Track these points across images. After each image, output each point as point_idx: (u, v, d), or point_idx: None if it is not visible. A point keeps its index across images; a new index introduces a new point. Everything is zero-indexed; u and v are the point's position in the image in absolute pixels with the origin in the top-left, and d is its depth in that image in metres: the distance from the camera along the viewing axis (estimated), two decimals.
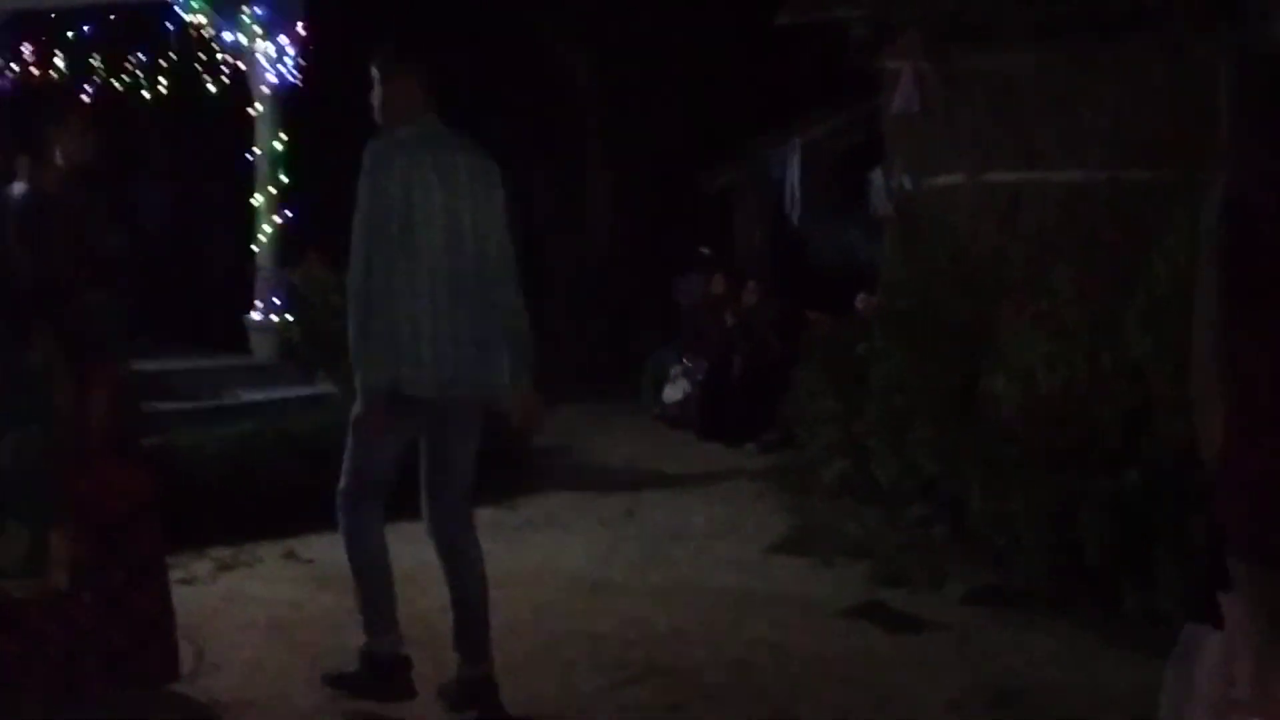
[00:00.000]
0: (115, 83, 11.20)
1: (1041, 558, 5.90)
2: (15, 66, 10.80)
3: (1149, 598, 5.42)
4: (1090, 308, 6.35)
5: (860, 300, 9.65)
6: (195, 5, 9.53)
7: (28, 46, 10.85)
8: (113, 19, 10.82)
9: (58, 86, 9.15)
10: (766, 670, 5.07)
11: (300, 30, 9.84)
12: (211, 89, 10.74)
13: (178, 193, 12.86)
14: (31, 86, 8.28)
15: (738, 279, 12.15)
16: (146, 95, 11.18)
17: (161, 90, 11.18)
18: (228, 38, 9.73)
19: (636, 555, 6.97)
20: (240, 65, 10.03)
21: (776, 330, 11.18)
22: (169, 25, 10.51)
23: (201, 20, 9.74)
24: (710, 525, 7.72)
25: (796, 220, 13.18)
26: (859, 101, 11.34)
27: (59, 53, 10.96)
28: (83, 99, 8.34)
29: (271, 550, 6.77)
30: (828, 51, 9.63)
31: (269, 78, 9.75)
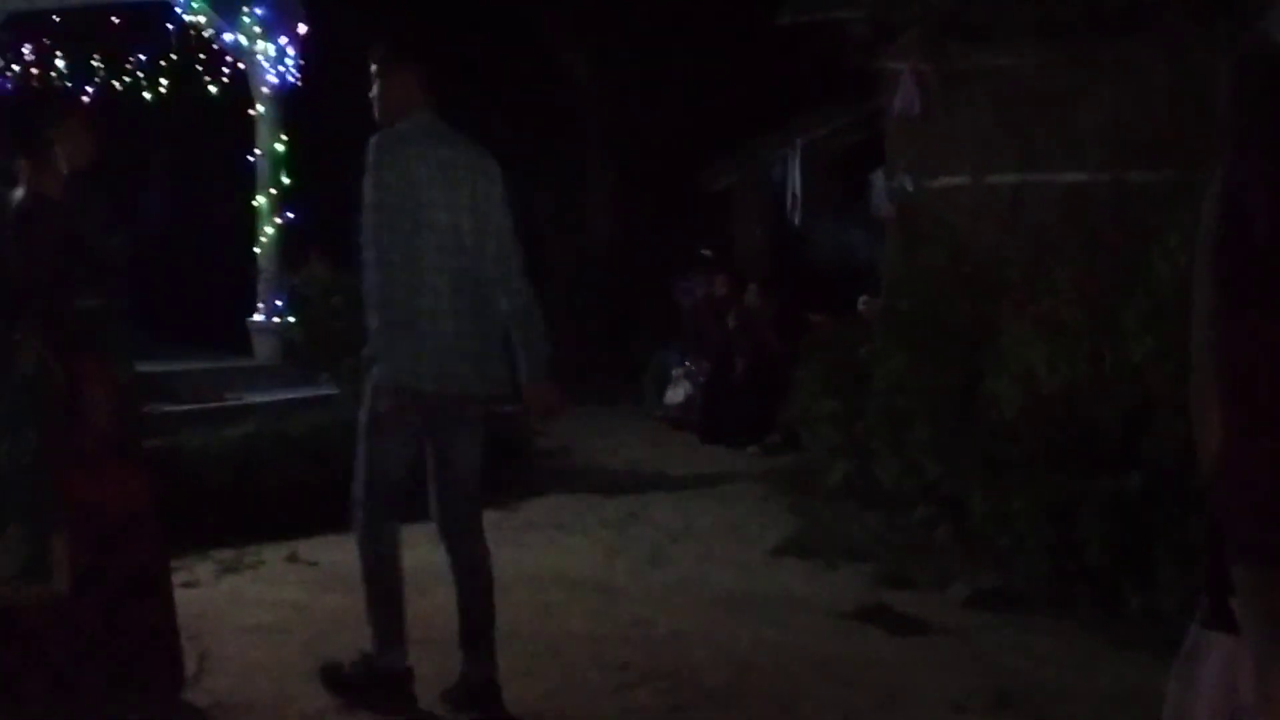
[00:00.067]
0: (116, 83, 11.20)
1: (1043, 558, 5.91)
2: (16, 67, 10.81)
3: (1150, 598, 5.42)
4: (1091, 308, 6.35)
5: (862, 302, 9.66)
6: (196, 6, 9.53)
7: (28, 47, 10.88)
8: (114, 20, 10.83)
9: (58, 90, 9.14)
10: (769, 672, 5.06)
11: (301, 31, 9.86)
12: (212, 90, 10.75)
13: (179, 194, 12.87)
14: (32, 90, 8.26)
15: (739, 280, 12.15)
16: (147, 96, 11.19)
17: (162, 91, 11.19)
18: (228, 38, 9.73)
19: (639, 557, 6.97)
20: (241, 66, 10.05)
21: (778, 332, 11.19)
22: (170, 26, 10.51)
23: (202, 21, 9.75)
24: (712, 527, 7.72)
25: (797, 221, 13.19)
26: (859, 102, 11.34)
27: (60, 53, 10.97)
28: (83, 102, 8.35)
29: (275, 552, 6.77)
30: (828, 52, 9.63)
31: (270, 78, 9.76)
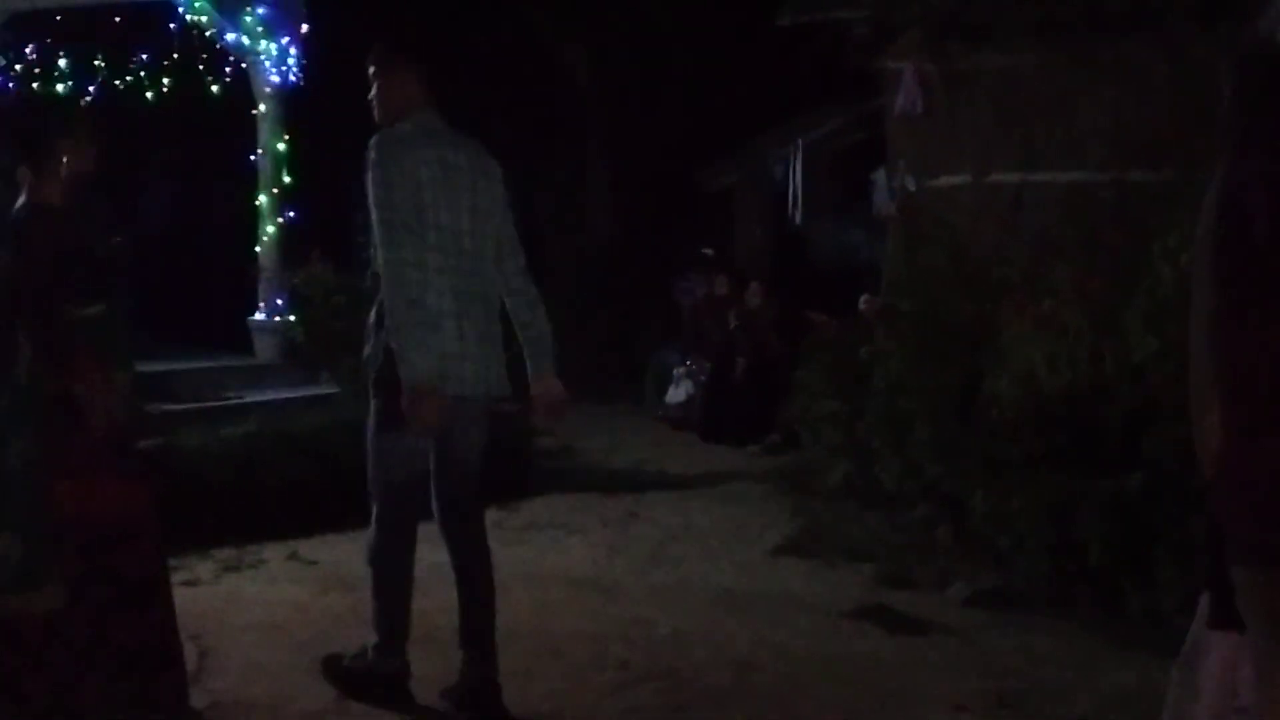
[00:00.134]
0: (118, 83, 11.21)
1: (1043, 558, 5.91)
2: (18, 67, 10.82)
3: (1151, 598, 5.43)
4: (1092, 308, 6.35)
5: (863, 301, 9.65)
6: (198, 5, 9.54)
7: (30, 46, 10.88)
8: (116, 19, 10.84)
9: (61, 97, 9.13)
10: (769, 672, 5.06)
11: (303, 30, 9.86)
12: (214, 89, 10.76)
13: (180, 194, 12.87)
14: (35, 96, 8.25)
15: (740, 280, 12.15)
16: (149, 95, 11.20)
17: (164, 90, 11.19)
18: (230, 38, 9.74)
19: (639, 557, 6.97)
20: (243, 65, 10.05)
21: (778, 331, 11.19)
22: (172, 26, 10.52)
23: (204, 20, 9.75)
24: (713, 527, 7.72)
25: (798, 221, 13.19)
26: (861, 101, 11.35)
27: (61, 53, 10.98)
28: (86, 110, 8.34)
29: (275, 551, 6.77)
30: (829, 51, 9.63)
31: (271, 78, 9.76)
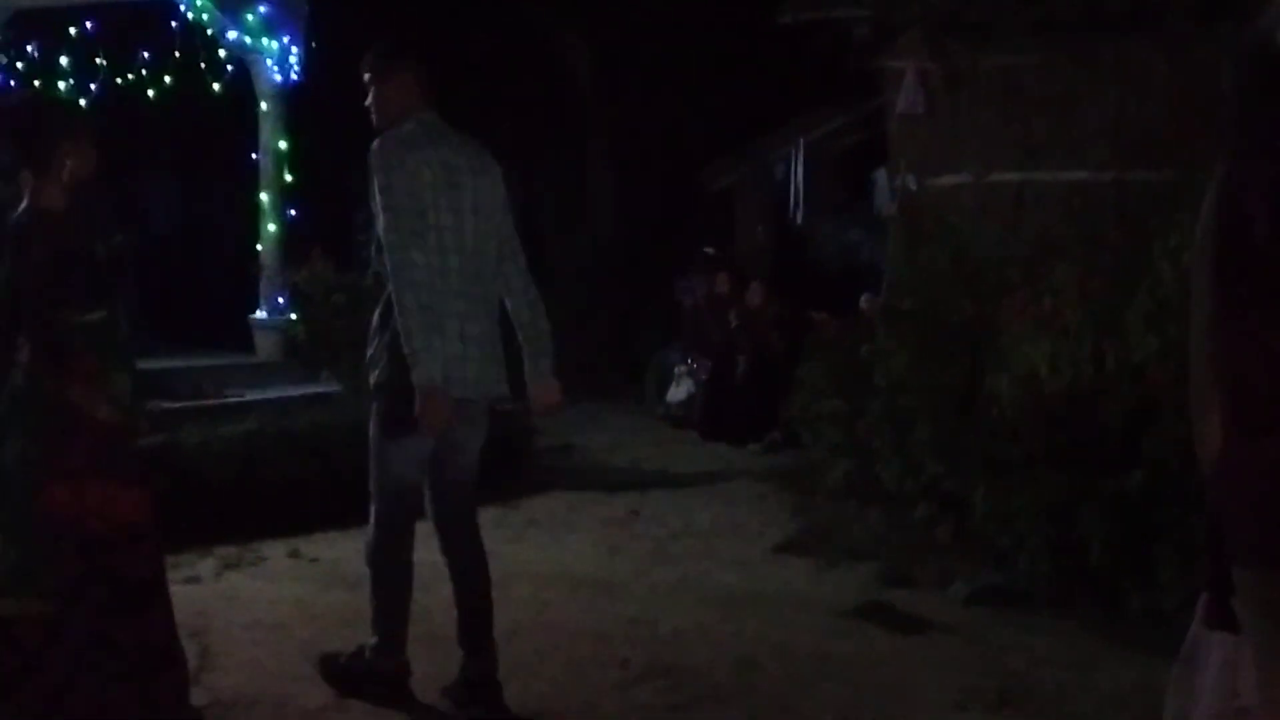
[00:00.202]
0: (119, 81, 11.21)
1: (1044, 558, 5.90)
2: (20, 65, 10.82)
3: (1152, 598, 5.42)
4: (1093, 307, 6.35)
5: (864, 300, 9.66)
6: (199, 4, 9.54)
7: (32, 45, 10.88)
8: (117, 18, 10.84)
9: (64, 100, 9.11)
10: (770, 670, 5.07)
11: (304, 28, 9.86)
12: (215, 88, 10.76)
13: (182, 192, 12.89)
14: (38, 99, 8.22)
15: (741, 279, 12.15)
16: (151, 94, 11.19)
17: (166, 89, 11.19)
18: (232, 36, 9.74)
19: (640, 555, 6.97)
20: (244, 64, 10.05)
21: (779, 330, 11.18)
22: (173, 24, 10.51)
23: (205, 19, 9.75)
24: (714, 525, 7.73)
25: (800, 220, 13.19)
26: (862, 101, 11.34)
27: (64, 51, 10.98)
28: (87, 111, 8.32)
29: (276, 549, 6.78)
30: (830, 51, 9.63)
31: (273, 76, 9.77)
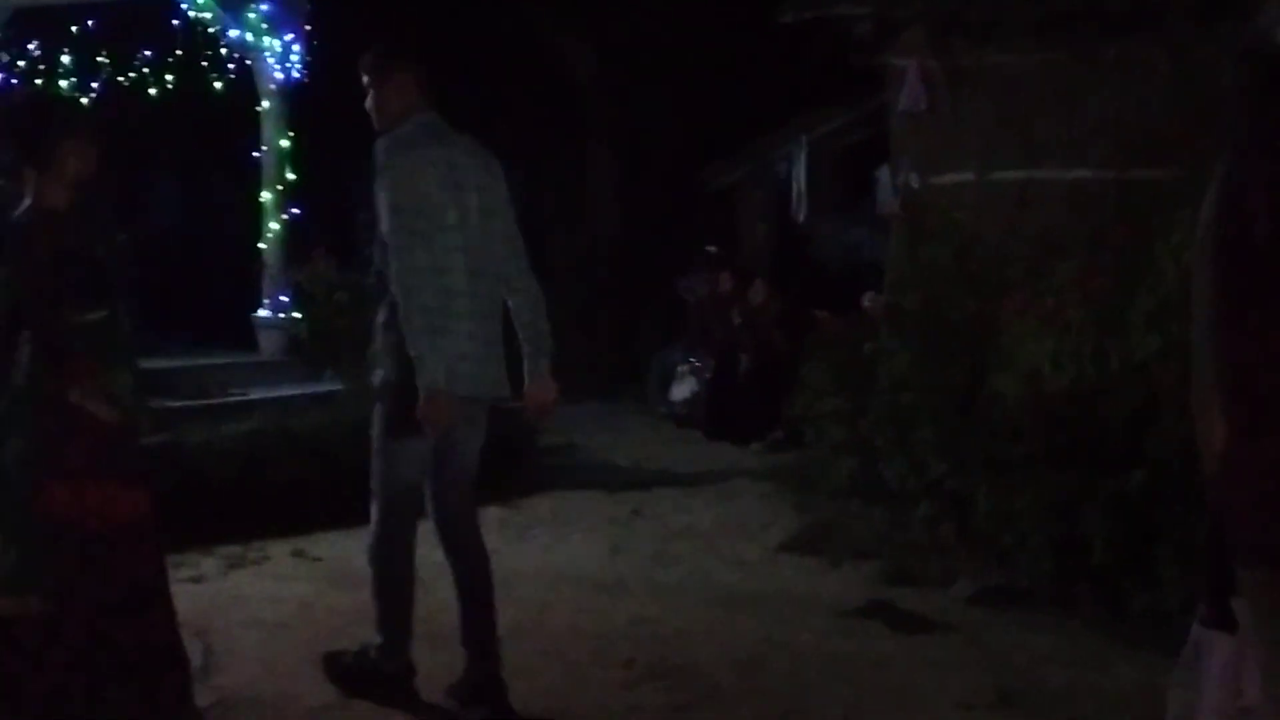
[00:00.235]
0: (121, 79, 11.21)
1: (1047, 556, 5.90)
2: (22, 64, 10.82)
3: (1154, 597, 5.42)
4: (1096, 306, 6.34)
5: (867, 299, 9.65)
6: (201, 2, 9.54)
7: (34, 43, 10.88)
8: (118, 16, 10.83)
9: (66, 98, 9.11)
10: (773, 670, 5.07)
11: (306, 26, 9.86)
12: (218, 86, 10.76)
13: (184, 190, 12.88)
14: (40, 97, 8.21)
15: (744, 277, 12.14)
16: (153, 92, 11.20)
17: (168, 87, 11.19)
18: (234, 34, 9.74)
19: (643, 554, 6.97)
20: (247, 62, 10.05)
21: (782, 329, 11.18)
22: (175, 22, 10.52)
23: (208, 17, 9.75)
24: (717, 524, 7.72)
25: (802, 218, 13.17)
26: (864, 98, 11.33)
27: (65, 50, 10.98)
28: (88, 109, 8.32)
29: (280, 548, 6.78)
30: (832, 48, 9.61)
31: (275, 74, 9.76)
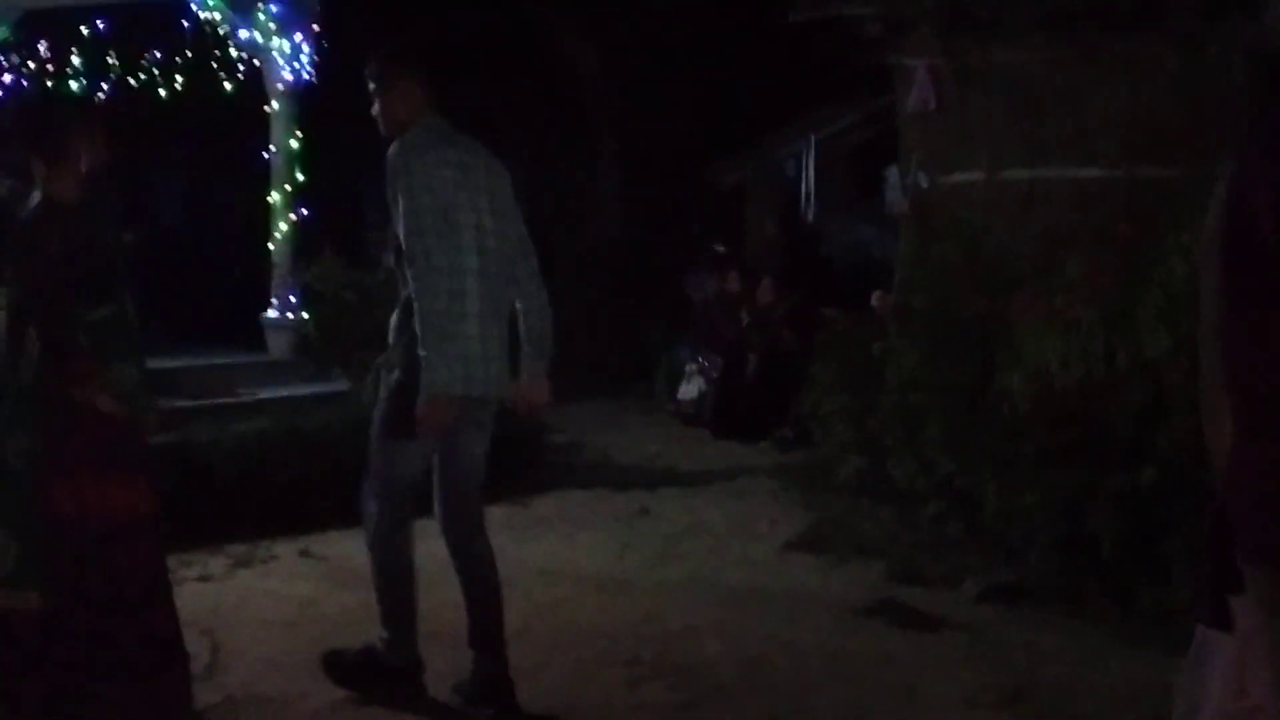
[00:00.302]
0: (131, 80, 11.23)
1: (1055, 554, 5.90)
2: (32, 65, 10.84)
3: (1163, 595, 5.41)
4: (1104, 303, 6.33)
5: (875, 297, 9.64)
6: (211, 2, 9.55)
7: (44, 44, 10.90)
8: (128, 17, 10.85)
9: (76, 95, 9.12)
10: (780, 668, 5.07)
11: (316, 27, 9.86)
12: (227, 86, 10.77)
13: (193, 191, 12.90)
14: (50, 93, 8.24)
15: (752, 276, 12.13)
16: (162, 93, 11.21)
17: (177, 88, 11.21)
18: (243, 35, 9.74)
19: (650, 553, 6.97)
20: (256, 63, 10.06)
21: (791, 327, 11.17)
22: (185, 23, 10.53)
23: (217, 18, 9.76)
24: (725, 523, 7.72)
25: (811, 217, 13.17)
26: (873, 97, 11.32)
27: (75, 51, 11.00)
28: (98, 106, 8.33)
29: (287, 547, 6.79)
30: (840, 47, 9.60)
31: (284, 75, 9.77)
